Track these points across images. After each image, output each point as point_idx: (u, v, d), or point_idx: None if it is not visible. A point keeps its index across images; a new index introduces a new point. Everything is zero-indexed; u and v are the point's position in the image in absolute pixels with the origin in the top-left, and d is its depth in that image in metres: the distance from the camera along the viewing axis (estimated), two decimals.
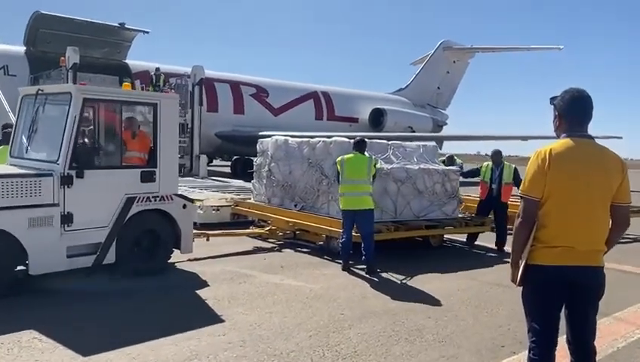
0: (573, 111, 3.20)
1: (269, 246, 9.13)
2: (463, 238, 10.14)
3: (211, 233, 8.66)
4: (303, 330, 5.10)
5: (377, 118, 30.46)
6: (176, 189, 7.15)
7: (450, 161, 13.41)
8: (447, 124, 36.69)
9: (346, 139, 9.13)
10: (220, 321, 5.27)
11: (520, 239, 3.20)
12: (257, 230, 9.63)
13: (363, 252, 7.61)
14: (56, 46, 19.91)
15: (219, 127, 23.89)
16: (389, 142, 9.97)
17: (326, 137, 9.60)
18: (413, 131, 30.48)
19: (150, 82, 20.67)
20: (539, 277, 3.16)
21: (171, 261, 7.24)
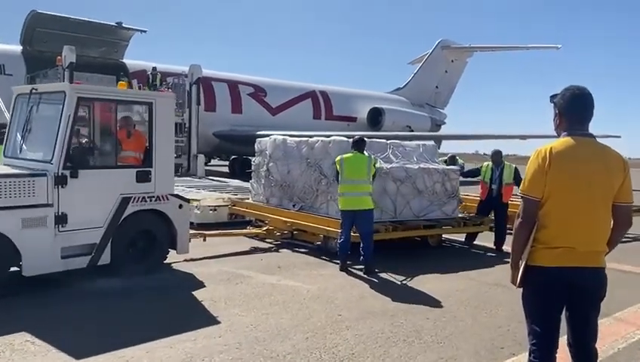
0: (574, 109, 3.14)
1: (267, 246, 9.07)
2: (462, 238, 10.09)
3: (208, 233, 8.59)
4: (300, 332, 5.04)
5: (375, 118, 30.42)
6: (172, 189, 7.09)
7: (452, 161, 13.35)
8: (445, 124, 36.77)
9: (345, 138, 9.07)
10: (216, 323, 5.21)
11: (520, 240, 3.13)
12: (254, 230, 9.57)
13: (361, 252, 7.55)
14: (52, 45, 19.79)
15: (216, 127, 23.85)
16: (389, 141, 9.91)
17: (325, 136, 9.53)
18: (411, 130, 30.44)
19: (146, 81, 20.57)
20: (539, 278, 3.09)
21: (167, 261, 7.19)
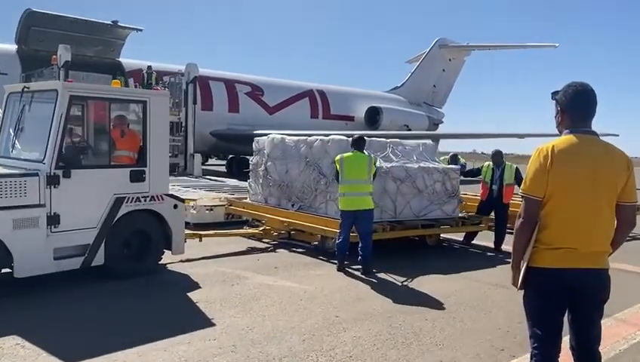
0: (576, 105, 3.05)
1: (264, 246, 8.97)
2: (461, 238, 10.01)
3: (204, 233, 8.48)
4: (296, 334, 4.95)
5: (373, 117, 30.35)
6: (166, 189, 6.99)
7: (453, 160, 13.27)
8: (443, 122, 36.71)
9: (344, 137, 8.98)
10: (211, 325, 5.12)
11: (521, 240, 3.05)
12: (251, 230, 9.47)
13: (360, 251, 7.46)
14: (48, 44, 19.69)
15: (213, 126, 23.74)
16: (388, 140, 9.82)
17: (323, 135, 9.44)
18: (409, 129, 30.41)
19: (142, 80, 20.45)
20: (540, 280, 3.01)
21: (163, 262, 7.09)
